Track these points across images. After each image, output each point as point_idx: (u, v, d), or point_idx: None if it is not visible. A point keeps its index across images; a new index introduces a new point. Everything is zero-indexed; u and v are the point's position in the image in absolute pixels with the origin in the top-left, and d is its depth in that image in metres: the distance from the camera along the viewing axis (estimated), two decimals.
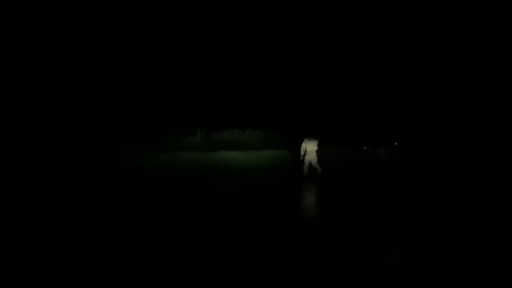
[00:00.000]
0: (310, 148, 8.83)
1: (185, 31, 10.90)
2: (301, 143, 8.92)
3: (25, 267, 3.05)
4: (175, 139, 11.32)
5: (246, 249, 3.60)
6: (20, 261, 3.20)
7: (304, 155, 8.89)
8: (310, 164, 8.85)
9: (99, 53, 9.20)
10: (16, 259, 3.27)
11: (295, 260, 3.24)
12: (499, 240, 3.82)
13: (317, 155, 8.89)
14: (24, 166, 7.64)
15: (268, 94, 13.62)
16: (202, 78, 11.62)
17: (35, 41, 8.25)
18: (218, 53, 11.86)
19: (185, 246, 3.68)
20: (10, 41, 8.05)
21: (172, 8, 10.30)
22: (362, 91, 18.79)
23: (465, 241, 3.80)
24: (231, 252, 3.47)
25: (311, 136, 8.95)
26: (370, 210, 5.41)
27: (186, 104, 11.22)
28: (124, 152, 9.52)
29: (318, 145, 8.88)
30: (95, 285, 2.76)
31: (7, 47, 8.01)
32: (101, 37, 9.10)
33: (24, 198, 5.94)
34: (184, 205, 5.75)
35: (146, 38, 10.13)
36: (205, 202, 5.99)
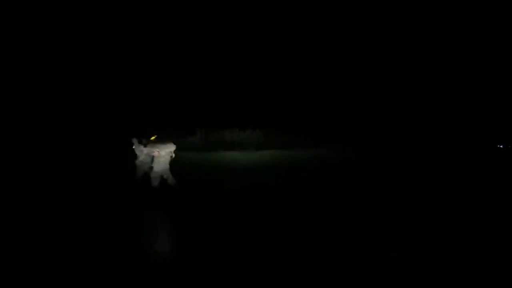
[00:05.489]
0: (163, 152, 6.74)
1: (186, 31, 10.92)
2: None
3: (24, 266, 3.08)
4: (175, 139, 11.34)
5: (246, 248, 3.63)
6: (20, 260, 3.23)
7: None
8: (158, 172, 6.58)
9: (99, 54, 9.21)
10: (16, 258, 3.29)
11: (295, 259, 3.27)
12: (499, 240, 3.86)
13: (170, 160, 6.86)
14: (25, 165, 7.66)
15: (268, 94, 13.65)
16: (202, 77, 11.66)
17: (37, 42, 8.26)
18: (218, 53, 11.89)
19: (185, 245, 3.71)
20: (11, 41, 8.05)
21: (174, 8, 10.32)
22: (360, 90, 18.77)
23: (464, 241, 3.84)
24: (232, 252, 3.50)
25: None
26: (370, 210, 5.45)
27: (186, 104, 11.26)
28: (124, 152, 9.54)
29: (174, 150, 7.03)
30: (95, 283, 2.79)
31: (7, 47, 8.02)
32: (102, 38, 9.11)
33: (25, 198, 5.96)
34: (184, 204, 5.77)
35: (146, 38, 10.16)
36: (205, 202, 6.02)
